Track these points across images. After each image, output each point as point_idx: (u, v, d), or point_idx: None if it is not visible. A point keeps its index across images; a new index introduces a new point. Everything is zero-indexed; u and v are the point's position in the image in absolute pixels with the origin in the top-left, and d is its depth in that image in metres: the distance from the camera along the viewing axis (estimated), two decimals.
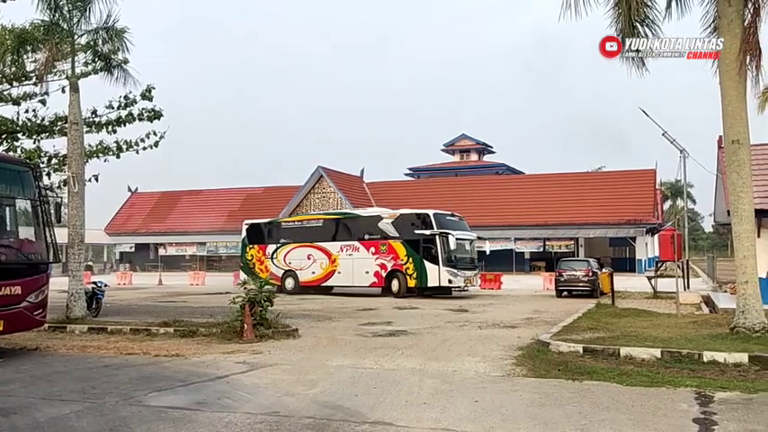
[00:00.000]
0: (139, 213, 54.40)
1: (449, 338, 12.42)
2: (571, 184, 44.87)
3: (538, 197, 43.25)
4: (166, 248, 51.18)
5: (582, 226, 41.32)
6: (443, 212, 25.41)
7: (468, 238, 25.27)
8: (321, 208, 47.68)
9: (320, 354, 10.56)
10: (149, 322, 14.38)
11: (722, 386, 7.74)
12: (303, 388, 7.72)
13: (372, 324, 15.21)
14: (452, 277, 23.57)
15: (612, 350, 10.18)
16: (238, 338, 12.19)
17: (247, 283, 13.43)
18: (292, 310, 19.07)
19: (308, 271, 26.72)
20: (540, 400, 7.04)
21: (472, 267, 25.21)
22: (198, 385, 7.93)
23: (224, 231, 50.35)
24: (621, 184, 43.43)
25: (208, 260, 50.99)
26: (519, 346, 11.15)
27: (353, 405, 6.79)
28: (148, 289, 31.06)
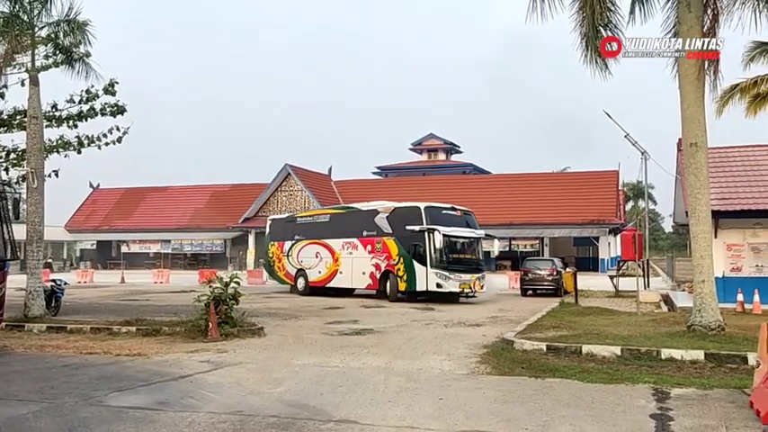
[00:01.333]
0: (102, 210, 53.28)
1: (414, 337, 12.50)
2: (537, 184, 45.56)
3: (504, 197, 43.80)
4: (129, 246, 50.31)
5: (547, 226, 41.99)
6: (439, 205, 22.45)
7: (465, 236, 21.82)
8: (288, 206, 47.43)
9: (286, 352, 10.52)
10: (111, 321, 14.11)
11: (679, 382, 7.96)
12: (268, 387, 7.68)
13: (339, 323, 15.20)
14: (442, 281, 20.60)
15: (575, 348, 10.37)
16: (203, 337, 12.08)
17: (212, 281, 13.29)
18: (258, 309, 18.92)
19: (315, 270, 25.07)
20: (503, 398, 7.14)
21: (472, 270, 21.52)
22: (160, 385, 7.82)
23: (189, 229, 49.80)
24: (585, 185, 44.25)
25: (172, 258, 50.22)
26: (484, 345, 11.28)
27: (319, 404, 6.79)
28: (110, 287, 30.39)
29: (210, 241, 49.47)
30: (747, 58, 18.06)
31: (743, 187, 18.66)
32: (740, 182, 18.95)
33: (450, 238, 21.13)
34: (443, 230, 20.81)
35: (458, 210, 22.55)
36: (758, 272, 18.03)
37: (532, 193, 43.88)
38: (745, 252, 18.28)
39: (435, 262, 20.76)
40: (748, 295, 16.77)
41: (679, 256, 47.88)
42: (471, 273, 21.32)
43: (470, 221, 22.66)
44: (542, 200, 43.23)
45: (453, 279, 20.75)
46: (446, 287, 20.70)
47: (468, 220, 22.72)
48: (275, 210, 47.90)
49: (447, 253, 21.03)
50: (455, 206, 22.74)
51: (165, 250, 49.78)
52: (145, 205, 52.84)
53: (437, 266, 20.74)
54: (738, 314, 15.77)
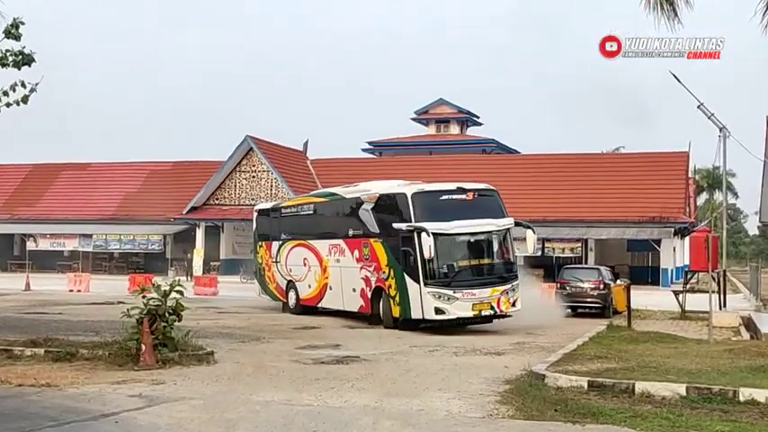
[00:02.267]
0: (1, 193, 53.15)
1: (414, 368, 12.54)
2: (580, 168, 45.58)
3: (536, 185, 43.84)
4: (37, 241, 50.20)
5: (592, 224, 42.00)
6: (435, 188, 20.21)
7: (477, 232, 19.22)
8: (249, 192, 47.49)
9: (242, 385, 10.56)
10: (10, 340, 14.15)
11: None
12: (218, 431, 7.73)
13: (314, 347, 15.28)
14: (443, 303, 18.04)
15: (626, 385, 10.41)
16: (133, 363, 12.17)
17: (146, 290, 13.31)
18: (208, 327, 18.98)
19: (305, 283, 23.73)
20: None
21: (494, 280, 19.07)
22: (75, 425, 7.85)
23: (117, 220, 49.75)
24: (644, 171, 44.18)
25: (95, 259, 50.15)
26: (506, 379, 11.35)
27: None
28: (11, 296, 30.35)
29: (145, 237, 49.36)
30: None
31: None
32: None
33: (451, 238, 18.84)
34: (438, 228, 18.20)
35: (468, 191, 19.54)
36: None
37: (574, 180, 43.90)
38: None
39: (429, 276, 18.20)
40: None
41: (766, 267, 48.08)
42: (492, 285, 18.69)
43: (489, 206, 19.70)
44: (587, 189, 43.31)
45: (462, 299, 18.17)
46: (450, 312, 18.08)
47: (486, 204, 19.79)
48: (232, 197, 47.93)
49: (448, 261, 18.76)
50: (464, 186, 19.78)
51: (84, 248, 49.60)
52: (58, 187, 52.75)
53: (434, 283, 18.16)
54: None
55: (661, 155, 45.55)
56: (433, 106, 66.87)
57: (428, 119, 67.36)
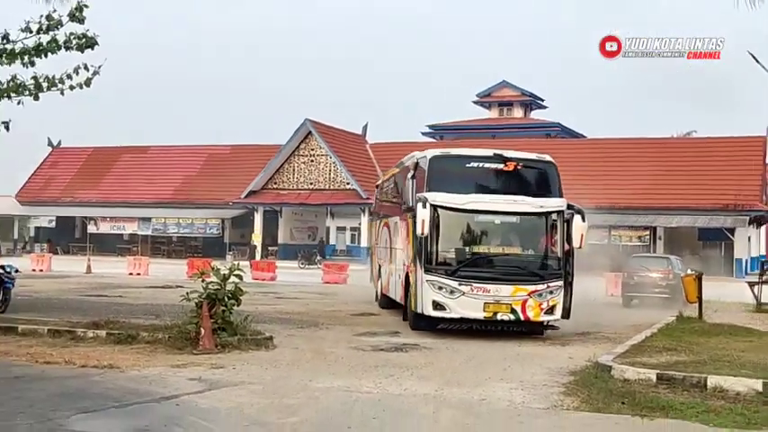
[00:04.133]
0: (63, 176, 54.76)
1: (475, 356, 12.53)
2: (648, 153, 44.79)
3: (602, 170, 43.21)
4: (98, 224, 51.64)
5: (661, 211, 41.33)
6: (463, 153, 17.00)
7: (502, 211, 15.34)
8: (308, 176, 47.90)
9: (301, 371, 10.68)
10: (74, 322, 14.51)
11: None
12: (278, 416, 7.83)
13: (372, 334, 15.32)
14: (444, 297, 14.74)
15: (697, 379, 10.21)
16: (192, 347, 12.33)
17: (205, 273, 13.53)
18: (266, 313, 19.21)
19: (384, 269, 20.82)
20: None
21: (520, 276, 15.18)
22: (138, 407, 8.05)
23: (176, 204, 50.71)
24: (717, 157, 43.29)
25: (153, 242, 51.36)
26: (570, 370, 11.23)
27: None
28: (73, 278, 31.34)
29: (203, 221, 50.32)
30: None
31: None
32: None
33: (463, 215, 15.36)
34: (443, 201, 14.99)
35: (509, 159, 15.60)
36: None
37: (642, 165, 43.16)
38: None
39: (428, 261, 15.06)
40: None
41: None
42: (517, 282, 14.90)
43: (537, 181, 16.02)
44: (655, 175, 42.55)
45: (469, 294, 14.67)
46: (453, 310, 14.73)
47: (533, 178, 16.11)
48: (290, 181, 48.33)
49: (456, 244, 15.51)
50: (503, 153, 16.03)
51: (143, 231, 50.91)
52: (118, 170, 54.04)
53: (434, 270, 14.98)
54: None
55: (736, 140, 44.45)
56: (495, 89, 66.47)
57: (491, 102, 67.00)
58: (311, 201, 47.72)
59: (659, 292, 23.98)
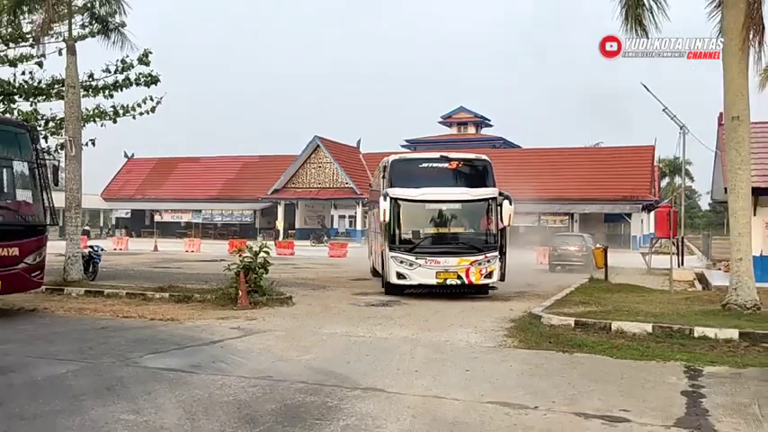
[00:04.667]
0: (135, 179, 54.30)
1: (441, 310, 12.52)
2: (568, 159, 44.88)
3: (533, 171, 43.21)
4: (162, 215, 51.32)
5: (577, 201, 41.40)
6: (415, 156, 16.67)
7: (447, 200, 14.96)
8: (317, 179, 47.73)
9: (313, 321, 10.66)
10: (145, 287, 14.43)
11: (711, 361, 7.84)
12: (296, 354, 7.82)
13: (365, 294, 15.31)
14: (405, 269, 14.45)
15: (604, 324, 10.23)
16: (233, 305, 12.29)
17: (242, 250, 13.48)
18: (287, 279, 19.13)
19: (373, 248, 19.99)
20: (530, 371, 7.14)
21: (464, 250, 14.74)
22: (192, 349, 8.03)
23: (220, 199, 50.49)
24: (619, 161, 43.43)
25: (203, 228, 51.07)
26: (511, 319, 11.24)
27: (346, 371, 6.88)
28: (144, 254, 31.14)
29: (240, 212, 50.10)
30: None
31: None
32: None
33: (417, 204, 14.90)
34: (402, 194, 14.73)
35: (452, 160, 15.41)
36: None
37: (563, 167, 43.23)
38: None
39: (392, 241, 14.75)
40: None
41: (715, 235, 46.82)
42: (461, 254, 14.54)
43: (474, 176, 15.52)
44: (573, 175, 42.59)
45: (425, 266, 14.35)
46: (412, 278, 14.46)
47: (471, 173, 15.63)
48: (304, 182, 48.20)
49: (413, 227, 15.06)
50: (447, 155, 15.69)
51: (196, 220, 50.64)
52: (177, 175, 53.65)
53: (397, 248, 14.65)
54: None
55: (632, 148, 44.60)
56: (455, 112, 66.28)
57: (451, 122, 66.76)
58: (320, 196, 47.59)
59: (576, 260, 24.04)
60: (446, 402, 5.79)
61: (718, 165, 21.71)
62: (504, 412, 5.52)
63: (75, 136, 15.59)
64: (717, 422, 5.37)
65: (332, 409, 5.47)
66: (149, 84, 18.31)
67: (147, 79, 18.23)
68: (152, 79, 18.26)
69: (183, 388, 6.05)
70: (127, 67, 17.71)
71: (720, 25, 12.22)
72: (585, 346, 8.59)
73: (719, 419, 5.44)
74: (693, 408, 5.78)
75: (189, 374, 6.59)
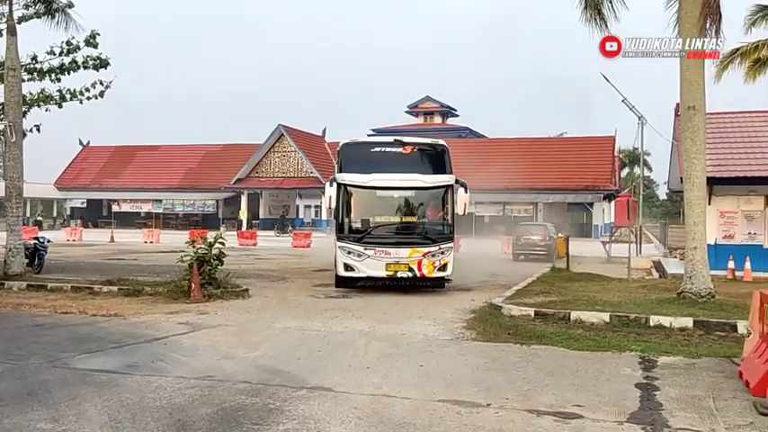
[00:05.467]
0: (92, 168, 52.58)
1: (401, 301, 12.27)
2: (532, 149, 45.06)
3: (499, 161, 43.29)
4: (120, 205, 49.85)
5: (541, 191, 41.65)
6: (367, 140, 15.51)
7: (397, 187, 13.79)
8: (281, 168, 46.99)
9: (268, 315, 10.29)
10: (93, 280, 13.84)
11: (666, 351, 7.76)
12: (244, 350, 7.44)
13: (327, 285, 14.94)
14: (353, 260, 13.38)
15: (563, 314, 10.20)
16: (185, 298, 11.87)
17: (196, 241, 13.00)
18: (246, 270, 18.70)
19: None
20: (486, 365, 6.92)
21: (415, 240, 13.62)
22: (132, 347, 7.58)
23: (181, 189, 49.30)
24: (581, 151, 43.80)
25: (164, 218, 49.83)
26: (471, 309, 11.08)
27: (294, 369, 6.55)
28: (99, 246, 30.11)
29: (203, 202, 49.02)
30: (749, 22, 17.59)
31: (738, 154, 18.33)
32: (736, 148, 18.62)
33: (367, 191, 13.73)
34: (349, 180, 13.65)
35: (406, 144, 14.15)
36: (750, 239, 17.87)
37: (528, 157, 43.33)
38: (738, 219, 18.07)
39: (341, 230, 13.72)
40: (740, 263, 16.66)
41: (672, 224, 47.80)
42: (413, 245, 13.40)
43: (430, 162, 14.25)
44: (537, 165, 42.77)
45: (374, 257, 13.25)
46: (360, 270, 13.35)
47: (427, 159, 14.34)
48: (267, 171, 47.38)
49: (362, 215, 13.98)
50: (401, 139, 14.48)
51: (156, 210, 49.32)
52: (136, 164, 52.14)
53: (345, 237, 13.60)
54: (729, 281, 15.69)
55: (594, 138, 44.98)
56: (421, 102, 65.94)
57: (417, 111, 66.46)
58: (284, 186, 46.82)
59: (539, 249, 24.07)
60: (396, 402, 5.51)
61: (675, 155, 22.02)
62: (455, 411, 5.27)
63: (15, 121, 14.77)
64: (670, 417, 5.23)
65: (273, 412, 5.14)
66: (98, 67, 17.50)
67: (96, 62, 17.42)
68: (101, 62, 17.45)
69: (112, 391, 5.64)
70: (73, 49, 16.87)
71: (678, 14, 12.23)
72: (544, 338, 8.47)
73: (673, 414, 5.30)
74: (647, 401, 5.64)
75: (122, 376, 6.17)
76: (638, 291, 13.41)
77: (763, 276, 16.12)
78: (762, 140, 18.71)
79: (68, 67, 17.34)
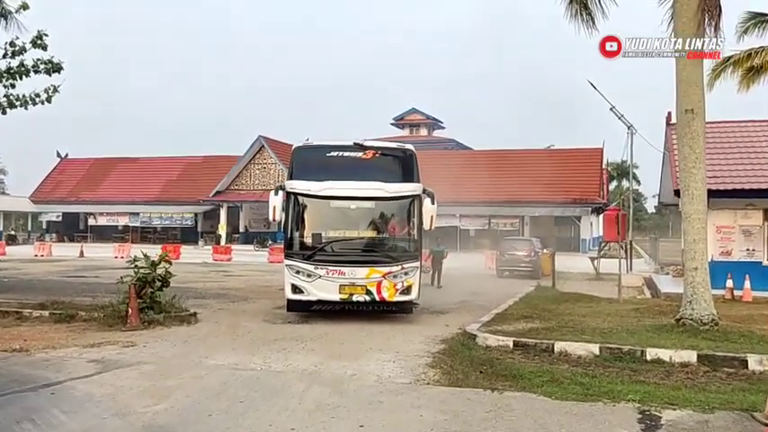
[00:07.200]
0: (69, 180, 50.80)
1: (366, 327, 10.83)
2: (519, 161, 44.00)
3: (484, 174, 42.14)
4: (96, 218, 48.03)
5: (527, 204, 40.51)
6: (323, 144, 12.68)
7: (355, 197, 11.80)
8: (261, 180, 45.51)
9: (205, 347, 8.86)
10: (25, 303, 12.36)
11: (670, 400, 6.38)
12: (148, 402, 5.98)
13: None
14: (302, 281, 11.43)
15: (546, 345, 8.94)
16: (122, 325, 10.46)
17: (138, 260, 11.55)
18: (210, 288, 17.42)
19: None
20: (444, 423, 5.50)
21: (374, 258, 11.67)
22: (8, 398, 6.08)
23: (160, 201, 47.64)
24: (569, 163, 42.74)
25: (142, 232, 48.12)
26: (443, 338, 9.74)
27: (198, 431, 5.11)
28: (65, 262, 28.48)
29: (180, 215, 47.33)
30: (741, 30, 16.64)
31: (735, 165, 17.15)
32: (732, 159, 17.44)
33: (318, 201, 11.81)
34: (299, 188, 11.77)
35: (368, 149, 12.26)
36: (749, 256, 16.61)
37: (514, 170, 42.28)
38: (735, 235, 16.83)
39: (288, 246, 11.91)
40: (738, 281, 15.40)
41: (662, 237, 46.80)
42: (372, 264, 11.49)
43: (394, 169, 12.36)
44: (524, 178, 41.63)
45: (326, 277, 11.36)
46: (310, 292, 11.40)
47: (391, 166, 12.47)
48: (248, 184, 45.92)
49: (313, 229, 11.99)
50: (362, 142, 12.38)
51: (133, 223, 47.56)
52: (114, 176, 50.43)
53: (293, 254, 11.73)
54: (728, 302, 14.45)
55: (582, 150, 43.97)
56: (407, 114, 65.11)
57: (403, 123, 65.56)
58: (264, 198, 44.98)
59: (524, 266, 22.87)
60: None
61: (666, 166, 20.91)
62: None
63: None
64: None
65: None
66: (51, 72, 16.08)
67: (48, 66, 15.99)
68: (53, 67, 16.01)
69: None
70: (18, 51, 15.44)
71: (672, 9, 11.09)
72: (522, 378, 7.10)
73: None
74: None
75: None
76: (631, 314, 12.09)
77: (763, 296, 14.87)
78: (760, 151, 17.55)
79: (17, 71, 15.95)
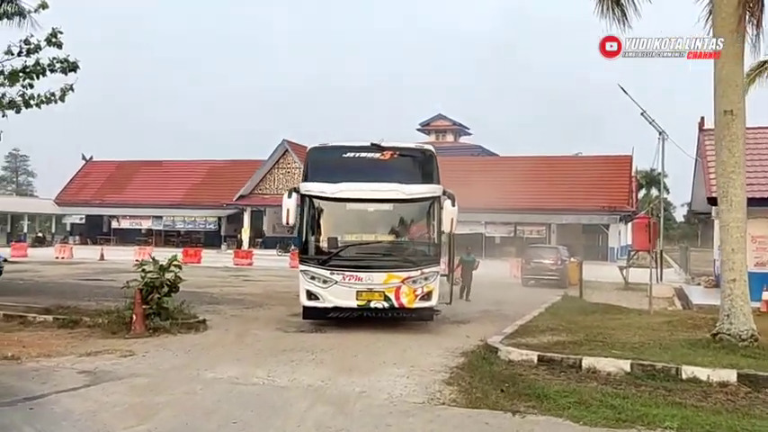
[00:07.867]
0: (94, 183, 51.28)
1: (383, 338, 10.25)
2: (546, 168, 43.08)
3: (511, 181, 41.34)
4: (120, 221, 48.33)
5: (555, 212, 39.63)
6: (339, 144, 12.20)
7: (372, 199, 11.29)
8: (285, 183, 45.26)
9: (208, 358, 8.36)
10: (31, 307, 12.04)
11: (712, 428, 5.68)
12: (131, 422, 5.47)
13: None
14: (317, 287, 11.01)
15: (573, 360, 8.28)
16: (126, 331, 10.03)
17: (145, 264, 11.16)
18: (227, 293, 17.06)
19: None
20: None
21: (394, 265, 11.09)
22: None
23: (183, 205, 47.78)
24: (597, 170, 41.82)
25: (165, 235, 48.26)
26: (463, 351, 9.12)
27: None
28: (85, 264, 28.44)
29: (204, 219, 47.36)
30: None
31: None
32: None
33: (334, 203, 11.37)
34: (312, 189, 11.39)
35: (385, 149, 11.72)
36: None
37: (541, 177, 41.36)
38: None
39: (303, 251, 11.55)
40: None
41: (691, 247, 45.42)
42: (390, 269, 11.00)
43: (413, 170, 11.83)
44: (551, 185, 40.75)
45: (342, 283, 10.88)
46: (325, 299, 10.95)
47: (410, 167, 11.90)
48: (271, 188, 45.79)
49: (329, 233, 11.53)
50: (379, 143, 11.80)
51: (156, 227, 47.75)
52: (138, 180, 50.77)
53: (308, 259, 11.30)
54: (763, 314, 13.55)
55: (611, 158, 42.97)
56: (433, 120, 64.62)
57: (429, 129, 65.07)
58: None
59: (550, 274, 22.09)
60: None
61: (699, 173, 20.04)
62: None
63: None
64: None
65: None
66: (67, 71, 15.90)
67: (64, 65, 15.80)
68: (69, 65, 15.82)
69: None
70: (33, 49, 15.27)
71: (711, 4, 10.37)
72: (547, 399, 6.47)
73: None
74: None
75: None
76: (663, 328, 11.32)
77: None
78: None
79: (32, 69, 15.82)
